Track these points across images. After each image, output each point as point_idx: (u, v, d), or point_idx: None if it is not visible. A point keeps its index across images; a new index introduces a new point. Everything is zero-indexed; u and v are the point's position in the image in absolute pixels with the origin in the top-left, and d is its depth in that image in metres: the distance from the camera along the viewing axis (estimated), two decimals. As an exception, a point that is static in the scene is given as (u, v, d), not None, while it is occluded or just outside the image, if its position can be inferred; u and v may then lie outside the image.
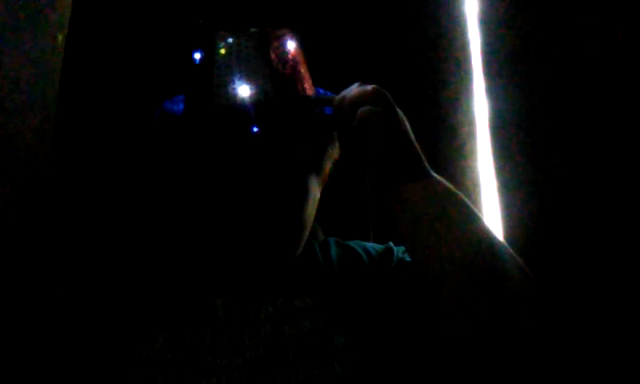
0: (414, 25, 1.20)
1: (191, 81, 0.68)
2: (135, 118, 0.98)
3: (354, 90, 0.63)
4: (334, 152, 0.76)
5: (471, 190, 1.10)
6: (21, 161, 0.79)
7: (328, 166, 0.76)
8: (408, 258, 0.70)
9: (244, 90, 0.63)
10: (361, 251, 0.74)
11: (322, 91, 0.73)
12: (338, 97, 0.65)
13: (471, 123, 1.13)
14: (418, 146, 0.63)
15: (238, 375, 0.59)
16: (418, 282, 0.64)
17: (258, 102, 0.63)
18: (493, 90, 1.11)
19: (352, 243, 0.77)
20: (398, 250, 0.73)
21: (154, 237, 0.81)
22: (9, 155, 0.78)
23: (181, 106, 0.70)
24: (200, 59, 0.67)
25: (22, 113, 0.81)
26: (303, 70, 0.69)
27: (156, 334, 0.63)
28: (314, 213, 0.73)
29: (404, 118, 0.64)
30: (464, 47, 1.16)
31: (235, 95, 0.63)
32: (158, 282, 0.70)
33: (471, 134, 1.13)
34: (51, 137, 0.87)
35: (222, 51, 0.65)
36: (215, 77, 0.64)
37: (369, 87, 0.62)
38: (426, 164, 0.63)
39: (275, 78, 0.64)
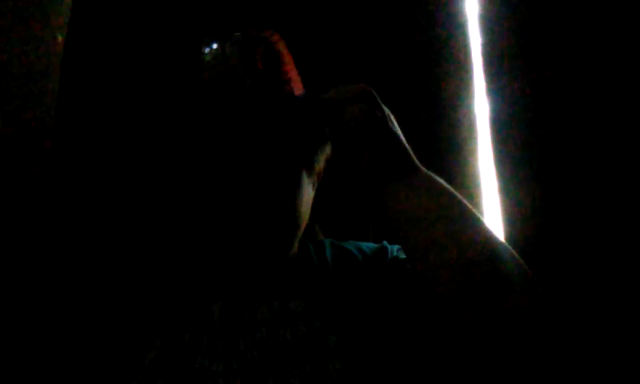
0: (414, 24, 1.21)
1: (181, 88, 0.69)
2: (134, 118, 0.98)
3: (341, 88, 0.63)
4: (326, 150, 0.76)
5: (471, 190, 1.10)
6: (20, 160, 0.79)
7: (320, 164, 0.76)
8: (402, 256, 0.70)
9: (232, 94, 0.64)
10: (355, 251, 0.74)
11: (312, 91, 0.73)
12: (326, 96, 0.65)
13: (471, 123, 1.14)
14: (406, 144, 0.63)
15: (233, 380, 0.59)
16: (412, 280, 0.64)
17: (245, 104, 0.63)
18: (493, 90, 1.11)
19: (347, 244, 0.77)
20: (393, 248, 0.73)
21: (151, 240, 0.81)
22: (8, 154, 0.78)
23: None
24: (188, 66, 0.69)
25: (21, 112, 0.81)
26: (290, 70, 0.69)
27: (153, 340, 0.63)
28: (308, 211, 0.73)
29: (391, 116, 0.64)
30: (464, 47, 1.16)
31: (223, 99, 0.64)
32: (154, 287, 0.70)
33: (471, 134, 1.13)
34: (50, 136, 0.87)
35: (208, 58, 0.66)
36: (203, 83, 0.65)
37: (355, 86, 0.62)
38: (416, 161, 0.63)
39: (261, 80, 0.65)
